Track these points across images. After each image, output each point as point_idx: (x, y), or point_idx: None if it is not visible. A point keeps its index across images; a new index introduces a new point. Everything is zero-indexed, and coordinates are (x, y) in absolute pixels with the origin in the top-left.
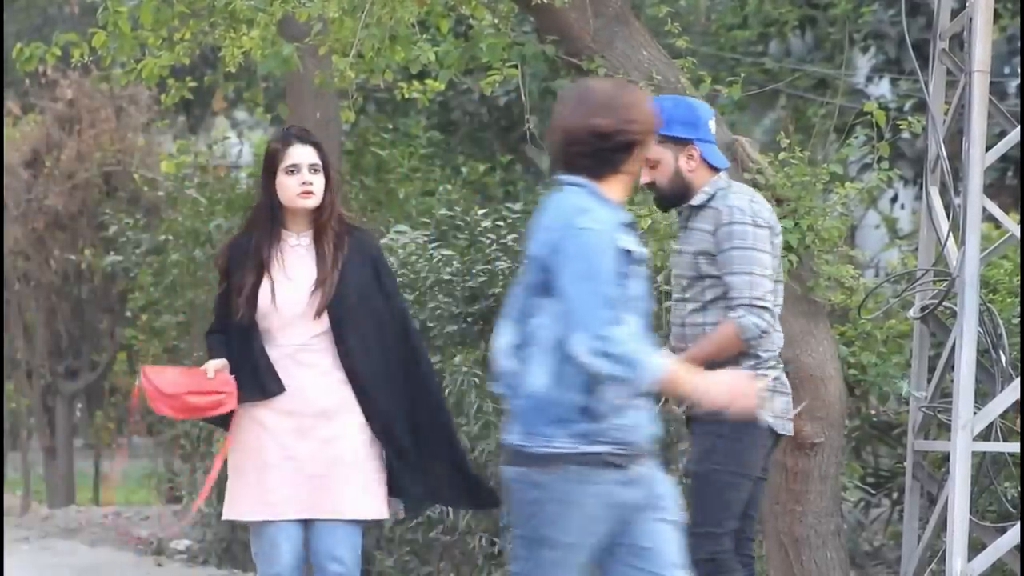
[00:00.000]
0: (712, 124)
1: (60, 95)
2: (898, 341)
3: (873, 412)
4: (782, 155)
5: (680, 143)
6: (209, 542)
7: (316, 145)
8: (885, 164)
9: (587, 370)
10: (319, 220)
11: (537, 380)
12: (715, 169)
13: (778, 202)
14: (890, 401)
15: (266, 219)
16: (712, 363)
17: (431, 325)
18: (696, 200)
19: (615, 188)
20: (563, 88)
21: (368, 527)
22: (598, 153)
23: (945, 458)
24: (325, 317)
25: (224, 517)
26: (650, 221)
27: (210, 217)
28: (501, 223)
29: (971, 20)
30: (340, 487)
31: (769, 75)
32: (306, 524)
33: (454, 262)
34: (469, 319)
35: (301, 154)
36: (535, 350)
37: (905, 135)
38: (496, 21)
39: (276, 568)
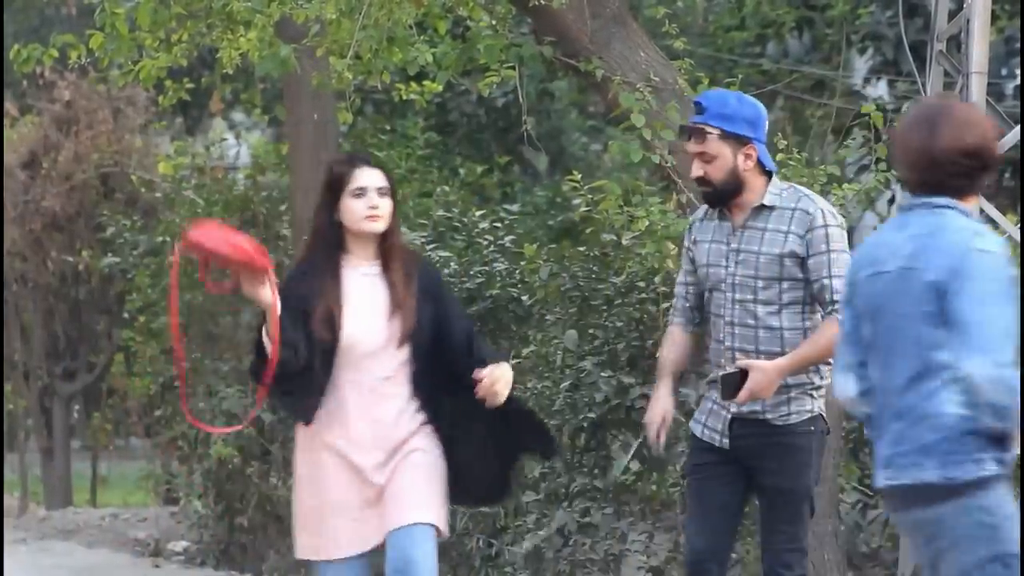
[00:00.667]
0: (766, 126)
1: (57, 96)
2: None
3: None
4: (780, 156)
5: (741, 141)
6: (207, 543)
7: (382, 168)
8: (883, 165)
9: (979, 395)
10: (385, 245)
11: (954, 410)
12: (765, 170)
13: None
14: None
15: (330, 245)
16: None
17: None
18: (767, 200)
19: (973, 207)
20: (910, 111)
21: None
22: (970, 173)
23: None
24: (404, 347)
25: (298, 556)
26: (647, 222)
27: (208, 218)
28: (499, 224)
29: (968, 21)
30: (410, 498)
31: (766, 76)
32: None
33: (452, 263)
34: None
35: (369, 177)
36: (946, 379)
37: None
38: (493, 22)
39: None
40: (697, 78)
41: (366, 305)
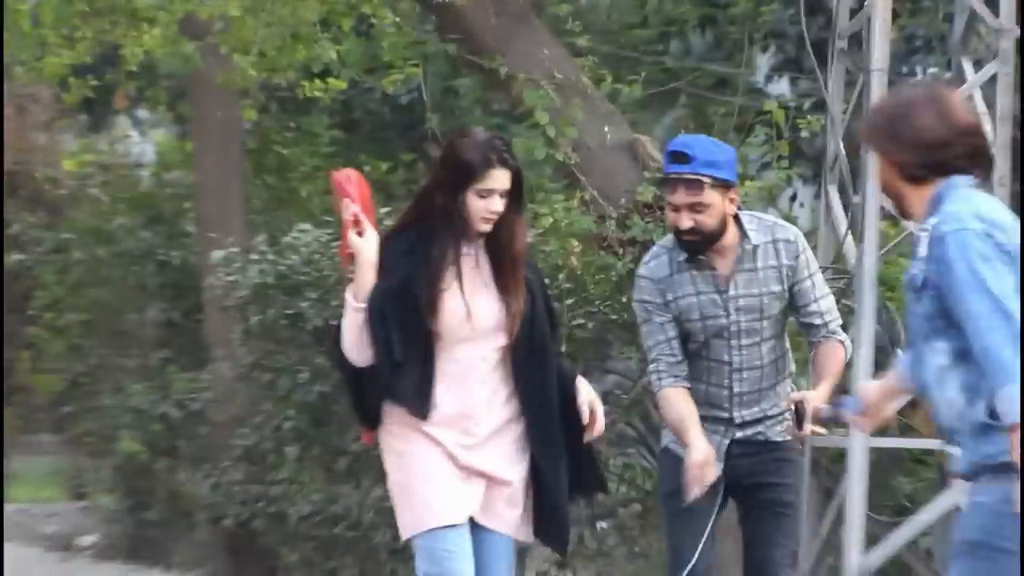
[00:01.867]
0: None
1: None
2: (796, 338)
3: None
4: None
5: (728, 186)
6: (116, 538)
7: (514, 169)
8: (785, 163)
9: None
10: (497, 235)
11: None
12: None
13: None
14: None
15: (447, 226)
16: None
17: (334, 323)
18: (754, 239)
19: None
20: (886, 100)
21: (273, 522)
22: (972, 151)
23: (842, 454)
24: (504, 334)
25: (403, 536)
26: (551, 220)
27: (113, 216)
28: None
29: (869, 20)
30: (503, 505)
31: (669, 74)
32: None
33: None
34: None
35: (500, 179)
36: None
37: (804, 134)
38: (397, 20)
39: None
40: (600, 75)
41: (480, 289)
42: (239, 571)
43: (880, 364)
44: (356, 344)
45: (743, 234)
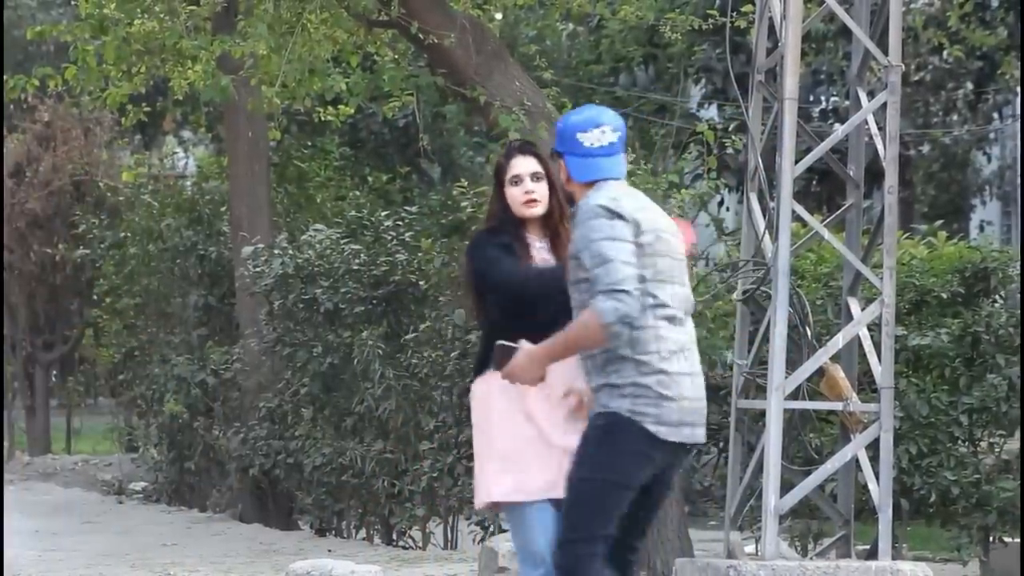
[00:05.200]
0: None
1: (38, 118)
2: (724, 319)
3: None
4: (629, 167)
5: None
6: (161, 484)
7: (537, 155)
8: (714, 174)
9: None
10: (550, 224)
11: None
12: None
13: None
14: (717, 368)
15: (510, 223)
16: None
17: (343, 307)
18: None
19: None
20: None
21: (291, 471)
22: None
23: (762, 414)
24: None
25: (478, 503)
26: None
27: (161, 217)
28: (400, 223)
29: (783, 57)
30: None
31: (619, 101)
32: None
33: (362, 255)
34: (374, 301)
35: (522, 165)
36: None
37: (730, 151)
38: (396, 57)
39: (534, 547)
40: (562, 103)
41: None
42: (263, 511)
43: (791, 339)
44: None
45: None
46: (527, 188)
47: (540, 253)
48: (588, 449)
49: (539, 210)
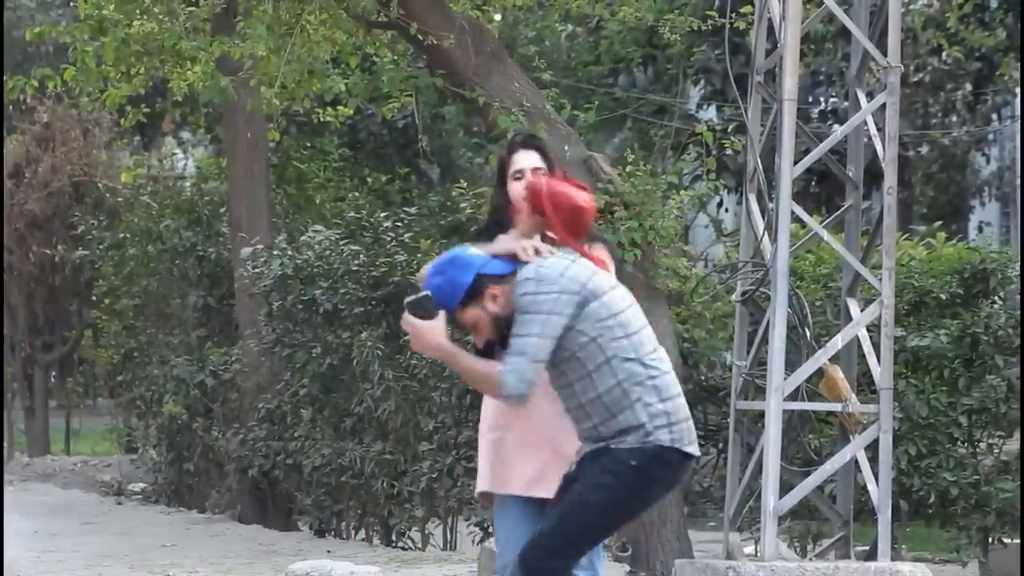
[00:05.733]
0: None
1: (37, 119)
2: (723, 320)
3: (703, 378)
4: (629, 168)
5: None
6: (160, 485)
7: (540, 150)
8: (713, 176)
9: None
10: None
11: None
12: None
13: (625, 207)
14: (717, 369)
15: (501, 224)
16: None
17: (342, 308)
18: None
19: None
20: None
21: (291, 472)
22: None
23: (761, 415)
24: None
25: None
26: None
27: (161, 218)
28: (399, 224)
29: (782, 58)
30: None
31: (618, 102)
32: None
33: (361, 255)
34: (373, 302)
35: (525, 159)
36: None
37: (729, 152)
38: (395, 58)
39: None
40: (561, 104)
41: None
42: (262, 512)
43: (790, 340)
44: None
45: None
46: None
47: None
48: (621, 490)
49: None
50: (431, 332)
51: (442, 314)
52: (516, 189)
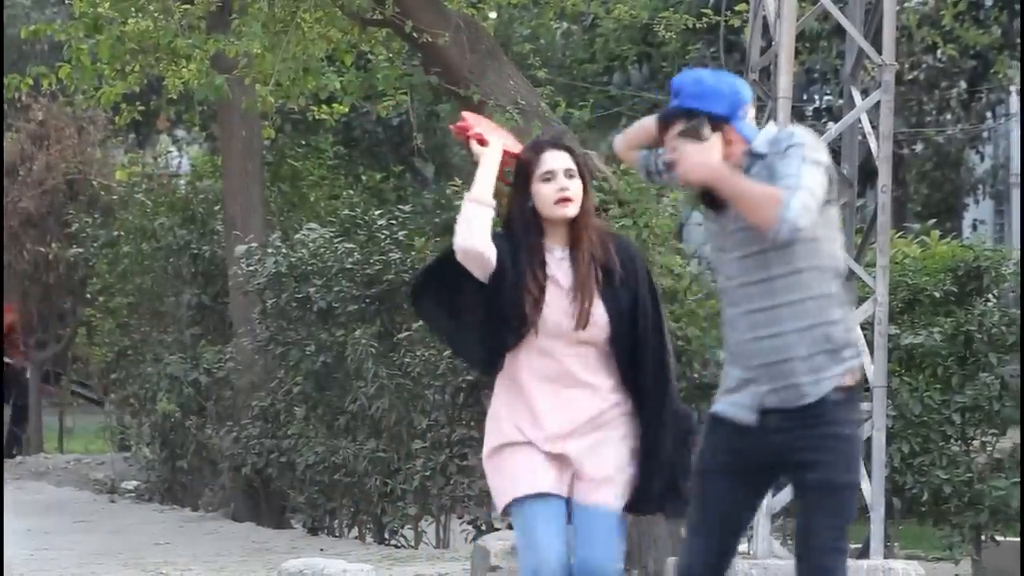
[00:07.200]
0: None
1: (32, 117)
2: (717, 318)
3: (696, 375)
4: (623, 166)
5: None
6: (153, 483)
7: (570, 150)
8: None
9: None
10: (576, 228)
11: None
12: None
13: (619, 204)
14: (710, 366)
15: (522, 230)
16: None
17: (336, 306)
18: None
19: None
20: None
21: (284, 470)
22: None
23: None
24: (594, 329)
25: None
26: None
27: (155, 216)
28: (394, 221)
29: (776, 56)
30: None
31: (613, 100)
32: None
33: (355, 253)
34: (367, 300)
35: (556, 160)
36: None
37: None
38: (390, 56)
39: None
40: (556, 102)
41: (556, 289)
42: (255, 510)
43: None
44: (468, 231)
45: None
46: (561, 185)
47: (560, 266)
48: (854, 452)
49: (572, 210)
50: (707, 151)
51: (715, 136)
52: (545, 192)
